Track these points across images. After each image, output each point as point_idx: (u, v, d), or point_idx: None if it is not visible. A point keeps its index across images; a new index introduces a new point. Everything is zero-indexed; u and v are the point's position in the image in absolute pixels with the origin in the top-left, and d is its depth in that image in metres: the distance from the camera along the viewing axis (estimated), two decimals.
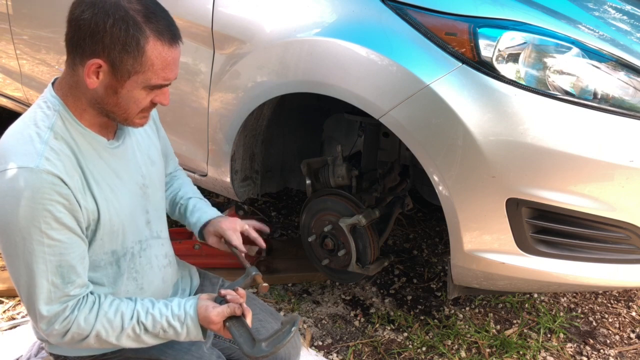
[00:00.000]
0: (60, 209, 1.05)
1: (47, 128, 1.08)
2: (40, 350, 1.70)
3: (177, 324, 1.17)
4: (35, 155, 1.04)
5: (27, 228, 1.03)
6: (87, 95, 1.11)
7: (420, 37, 1.51)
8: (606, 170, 1.45)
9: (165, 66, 1.09)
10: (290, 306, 2.21)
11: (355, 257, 1.94)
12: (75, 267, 1.09)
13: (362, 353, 2.00)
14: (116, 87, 1.08)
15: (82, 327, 1.10)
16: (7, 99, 3.00)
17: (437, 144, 1.52)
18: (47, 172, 1.03)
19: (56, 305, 1.08)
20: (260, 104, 1.84)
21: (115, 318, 1.13)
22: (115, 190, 1.18)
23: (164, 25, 1.07)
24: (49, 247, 1.05)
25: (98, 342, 1.13)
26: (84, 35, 1.04)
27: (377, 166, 2.10)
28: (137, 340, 1.16)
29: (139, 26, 1.04)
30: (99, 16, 1.03)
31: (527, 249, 1.57)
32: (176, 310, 1.18)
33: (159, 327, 1.16)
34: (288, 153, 2.31)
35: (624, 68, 1.48)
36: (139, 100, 1.11)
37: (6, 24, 2.61)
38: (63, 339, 1.11)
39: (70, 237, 1.08)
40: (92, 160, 1.14)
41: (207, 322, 1.17)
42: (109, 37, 1.03)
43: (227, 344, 1.46)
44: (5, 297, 2.15)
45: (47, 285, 1.07)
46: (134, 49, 1.05)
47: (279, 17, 1.74)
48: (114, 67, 1.06)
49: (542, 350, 2.05)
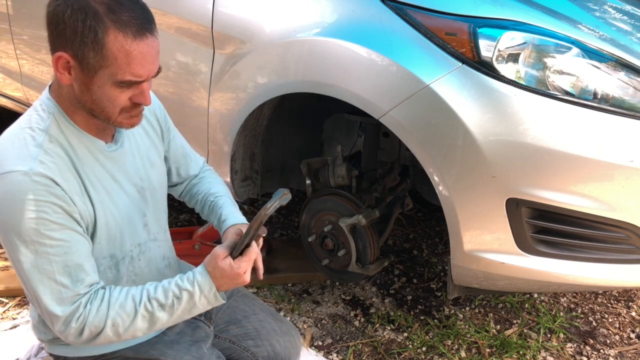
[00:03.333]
0: (57, 210, 1.04)
1: (41, 131, 1.07)
2: (40, 350, 1.70)
3: (188, 285, 1.12)
4: (29, 159, 1.03)
5: (27, 231, 1.02)
6: (70, 94, 1.09)
7: (420, 37, 1.51)
8: (606, 170, 1.45)
9: (130, 61, 1.03)
10: (290, 306, 2.21)
11: (355, 257, 1.94)
12: (82, 265, 1.08)
13: (362, 353, 2.00)
14: (87, 83, 1.05)
15: (96, 320, 1.07)
16: (7, 99, 3.00)
17: (437, 144, 1.52)
18: (40, 175, 1.02)
19: (68, 305, 1.07)
20: (260, 104, 1.84)
21: (127, 302, 1.10)
22: (112, 194, 1.17)
23: (128, 16, 1.02)
24: (51, 247, 1.04)
25: (115, 333, 1.09)
26: (51, 30, 1.04)
27: (377, 166, 2.10)
28: (152, 320, 1.11)
29: (98, 16, 1.00)
30: (59, 8, 1.01)
31: (527, 249, 1.57)
32: (185, 274, 1.14)
33: (171, 296, 1.11)
34: (288, 153, 2.31)
35: (624, 68, 1.48)
36: (112, 98, 1.07)
37: (6, 24, 2.61)
38: (81, 337, 1.08)
39: (72, 235, 1.07)
40: (87, 163, 1.13)
41: (215, 262, 1.12)
42: (69, 29, 1.01)
43: (227, 344, 1.46)
44: (5, 297, 2.15)
45: (57, 287, 1.05)
46: (92, 41, 1.01)
47: (279, 17, 1.74)
48: (80, 62, 1.03)
49: (542, 350, 2.05)
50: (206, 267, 1.14)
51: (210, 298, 1.14)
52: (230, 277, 1.13)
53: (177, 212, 2.86)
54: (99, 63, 1.03)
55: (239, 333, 1.46)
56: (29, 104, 2.81)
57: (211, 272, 1.13)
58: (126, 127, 1.15)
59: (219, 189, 1.47)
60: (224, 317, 1.48)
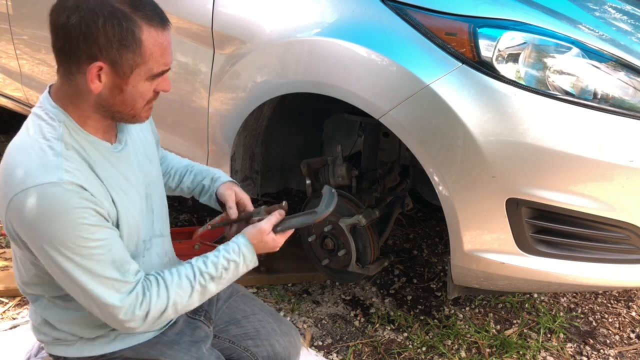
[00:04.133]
0: (93, 213, 1.06)
1: (56, 140, 1.07)
2: (40, 350, 1.69)
3: (234, 256, 1.23)
4: (54, 169, 1.03)
5: (71, 239, 1.04)
6: (90, 101, 1.09)
7: (420, 37, 1.51)
8: (606, 170, 1.45)
9: (163, 51, 1.08)
10: (290, 306, 2.21)
11: (355, 257, 1.94)
12: (124, 257, 1.11)
13: (362, 353, 2.00)
14: (121, 85, 1.07)
15: (159, 304, 1.13)
16: (7, 99, 3.00)
17: (437, 144, 1.52)
18: (70, 183, 1.03)
19: (125, 295, 1.10)
20: (260, 104, 1.84)
21: (183, 281, 1.17)
22: (128, 193, 1.18)
23: (151, 10, 1.05)
24: (96, 248, 1.06)
25: (175, 311, 1.16)
26: (76, 41, 1.02)
27: (377, 166, 2.10)
28: (203, 292, 1.20)
29: (130, 17, 1.02)
30: (87, 18, 1.00)
31: (527, 249, 1.57)
32: (227, 245, 1.24)
33: (220, 268, 1.21)
34: (288, 153, 2.31)
35: (624, 68, 1.48)
36: (144, 92, 1.10)
37: (6, 24, 2.61)
38: (145, 321, 1.13)
39: (110, 232, 1.10)
40: (102, 166, 1.13)
41: (260, 235, 1.27)
42: (104, 36, 1.01)
43: (227, 344, 1.46)
44: (5, 297, 2.15)
45: (110, 282, 1.08)
46: (131, 42, 1.03)
47: (279, 17, 1.74)
48: (115, 66, 1.04)
49: (542, 350, 2.05)
50: (249, 239, 1.26)
51: (250, 266, 1.27)
52: (268, 249, 1.30)
53: (177, 212, 2.86)
54: (136, 62, 1.05)
55: (239, 333, 1.46)
56: (29, 104, 2.81)
57: (255, 244, 1.27)
58: (144, 120, 1.18)
59: (188, 161, 1.58)
60: (223, 317, 1.48)
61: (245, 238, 1.26)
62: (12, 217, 1.06)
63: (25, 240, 1.08)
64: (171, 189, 1.57)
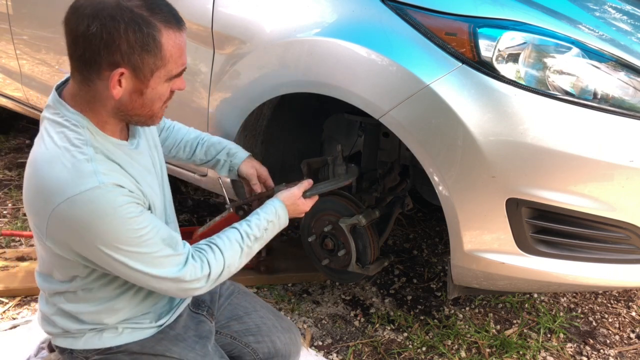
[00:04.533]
0: (135, 206, 1.10)
1: (85, 145, 1.08)
2: (40, 351, 1.70)
3: (273, 217, 1.38)
4: (92, 174, 1.05)
5: (124, 234, 1.08)
6: (108, 106, 1.10)
7: (420, 37, 1.51)
8: (606, 170, 1.45)
9: (181, 52, 1.10)
10: (290, 306, 2.21)
11: (355, 257, 1.94)
12: (169, 233, 1.17)
13: (362, 353, 2.00)
14: (141, 88, 1.08)
15: (218, 268, 1.22)
16: (7, 99, 3.00)
17: (437, 144, 1.52)
18: (111, 185, 1.06)
19: (181, 266, 1.17)
20: (260, 104, 1.84)
21: (234, 246, 1.27)
22: (152, 186, 1.23)
23: (167, 12, 1.07)
24: (146, 234, 1.11)
25: (229, 272, 1.26)
26: (97, 49, 1.02)
27: (377, 166, 2.10)
28: (249, 252, 1.32)
29: (149, 22, 1.03)
30: (108, 25, 1.01)
31: (527, 249, 1.57)
32: (265, 208, 1.39)
33: (262, 229, 1.34)
34: (288, 153, 2.31)
35: (624, 68, 1.48)
36: (162, 94, 1.13)
37: (6, 24, 2.61)
38: (207, 283, 1.21)
39: (151, 215, 1.15)
40: (128, 164, 1.16)
41: (293, 198, 1.44)
42: (126, 43, 1.02)
43: (228, 339, 1.47)
44: (5, 297, 2.15)
45: (167, 259, 1.15)
46: (152, 47, 1.04)
47: (279, 17, 1.74)
48: (137, 70, 1.05)
49: (542, 350, 2.05)
50: (284, 201, 1.42)
51: (282, 226, 1.42)
52: (298, 212, 1.48)
53: (177, 212, 2.85)
54: (157, 65, 1.06)
55: (240, 329, 1.47)
56: (29, 104, 2.82)
57: (288, 206, 1.43)
58: (158, 122, 1.20)
59: (197, 132, 1.67)
60: (225, 313, 1.49)
61: (280, 201, 1.42)
62: (57, 227, 1.08)
63: (75, 246, 1.11)
64: (181, 160, 1.64)
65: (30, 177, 1.11)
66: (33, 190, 1.10)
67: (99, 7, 1.01)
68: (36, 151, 1.11)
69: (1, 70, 2.86)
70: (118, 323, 1.27)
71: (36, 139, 1.14)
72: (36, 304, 2.11)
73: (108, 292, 1.24)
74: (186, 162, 1.67)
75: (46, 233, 1.10)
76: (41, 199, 1.07)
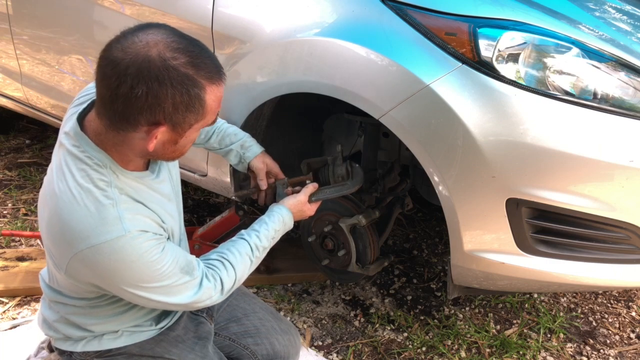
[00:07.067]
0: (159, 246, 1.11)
1: (109, 187, 1.07)
2: (40, 351, 1.70)
3: (280, 225, 1.41)
4: (116, 221, 1.04)
5: (146, 274, 1.09)
6: (136, 150, 1.09)
7: (420, 37, 1.51)
8: (606, 170, 1.45)
9: (219, 103, 1.09)
10: (290, 306, 2.21)
11: (355, 257, 1.94)
12: (185, 258, 1.18)
13: (362, 353, 2.00)
14: (176, 139, 1.08)
15: (230, 282, 1.26)
16: (7, 99, 3.00)
17: (437, 144, 1.52)
18: (135, 231, 1.06)
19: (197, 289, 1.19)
20: (260, 104, 1.84)
21: (244, 259, 1.30)
22: (172, 213, 1.22)
23: (211, 65, 1.04)
24: (168, 267, 1.12)
25: (239, 282, 1.30)
26: (139, 110, 0.99)
27: (377, 166, 2.10)
28: (257, 262, 1.35)
29: (195, 81, 1.01)
30: (154, 89, 0.97)
31: (527, 249, 1.56)
32: (272, 217, 1.41)
33: (270, 238, 1.38)
34: (288, 153, 2.31)
35: (624, 68, 1.48)
36: (194, 139, 1.13)
37: (6, 24, 2.61)
38: (222, 294, 1.25)
39: (170, 245, 1.15)
40: (149, 197, 1.15)
41: (300, 205, 1.48)
42: (171, 105, 1.00)
43: (227, 341, 1.47)
44: (5, 297, 2.15)
45: (184, 286, 1.16)
46: (197, 106, 1.03)
47: (279, 17, 1.74)
48: (176, 126, 1.04)
49: (542, 350, 2.05)
50: (290, 208, 1.46)
51: (288, 229, 1.45)
52: (304, 217, 1.52)
53: None
54: (197, 120, 1.06)
55: (239, 331, 1.47)
56: (29, 104, 2.81)
57: (295, 213, 1.47)
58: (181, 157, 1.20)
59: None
60: (224, 314, 1.49)
61: (287, 209, 1.45)
62: (78, 268, 1.08)
63: (95, 282, 1.12)
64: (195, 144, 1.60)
65: (52, 214, 1.08)
66: (56, 228, 1.07)
67: (143, 67, 0.96)
68: (58, 186, 1.08)
69: (1, 70, 2.86)
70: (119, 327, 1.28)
71: (55, 168, 1.11)
72: (36, 304, 2.11)
73: (117, 309, 1.25)
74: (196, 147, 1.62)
75: (65, 269, 1.10)
76: (64, 240, 1.06)
